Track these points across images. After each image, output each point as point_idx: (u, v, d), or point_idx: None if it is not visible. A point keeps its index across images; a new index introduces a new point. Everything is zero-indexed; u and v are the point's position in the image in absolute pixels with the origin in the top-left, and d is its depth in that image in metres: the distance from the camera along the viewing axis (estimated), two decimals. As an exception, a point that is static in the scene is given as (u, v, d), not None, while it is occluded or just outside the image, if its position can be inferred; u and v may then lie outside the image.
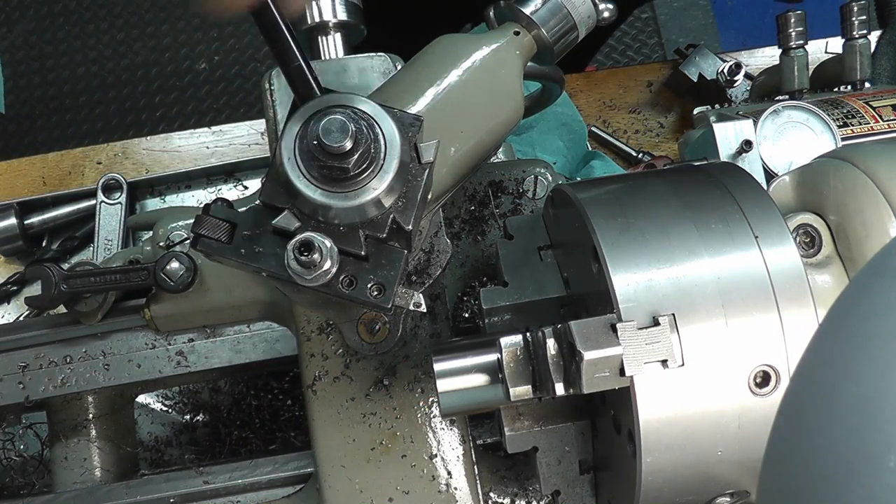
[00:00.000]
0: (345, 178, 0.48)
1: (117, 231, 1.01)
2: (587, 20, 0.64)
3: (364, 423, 0.64)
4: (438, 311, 0.66)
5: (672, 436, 0.47)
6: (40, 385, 0.73)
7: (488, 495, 0.66)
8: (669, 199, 0.53)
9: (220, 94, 2.32)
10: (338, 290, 0.49)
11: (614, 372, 0.46)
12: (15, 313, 1.04)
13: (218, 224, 0.51)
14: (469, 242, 0.70)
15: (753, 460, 0.49)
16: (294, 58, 0.50)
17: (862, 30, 0.90)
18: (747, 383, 0.47)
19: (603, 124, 1.11)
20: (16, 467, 0.86)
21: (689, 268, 0.49)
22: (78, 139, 2.29)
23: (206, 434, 0.92)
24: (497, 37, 0.62)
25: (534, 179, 0.71)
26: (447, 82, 0.58)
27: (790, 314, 0.48)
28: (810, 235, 0.57)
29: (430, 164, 0.51)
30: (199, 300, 0.69)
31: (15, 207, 1.03)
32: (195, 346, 0.73)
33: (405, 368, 0.65)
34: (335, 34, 0.72)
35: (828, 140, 0.80)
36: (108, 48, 2.37)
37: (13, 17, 2.41)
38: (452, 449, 0.64)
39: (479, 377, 0.54)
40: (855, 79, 0.90)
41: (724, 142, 0.77)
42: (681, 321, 0.47)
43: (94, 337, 0.73)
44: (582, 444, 0.59)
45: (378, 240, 0.50)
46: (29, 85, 2.35)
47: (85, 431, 0.75)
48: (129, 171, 1.09)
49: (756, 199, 0.52)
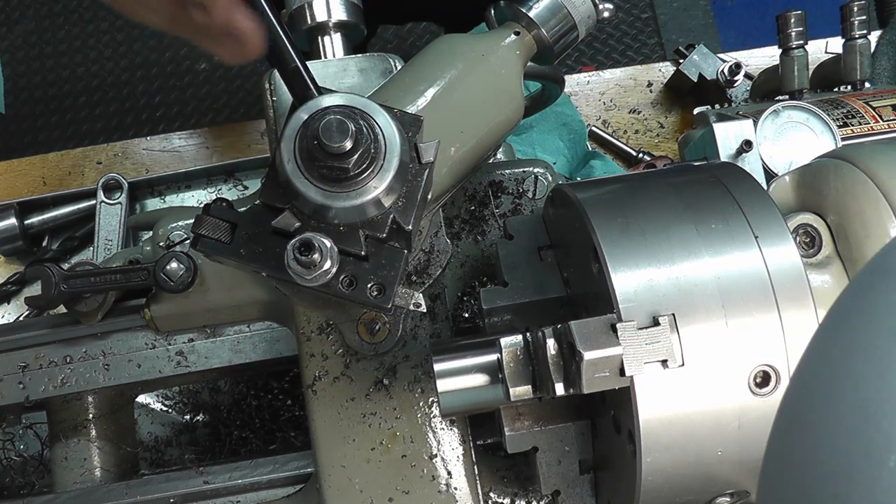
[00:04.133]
0: (345, 178, 0.48)
1: (117, 231, 1.01)
2: (587, 20, 0.64)
3: (364, 423, 0.64)
4: (438, 311, 0.66)
5: (672, 436, 0.47)
6: (40, 385, 0.73)
7: (488, 495, 0.66)
8: (669, 199, 0.53)
9: (220, 94, 2.32)
10: (338, 290, 0.49)
11: (614, 372, 0.46)
12: (15, 313, 1.04)
13: (218, 224, 0.51)
14: (469, 242, 0.70)
15: (753, 460, 0.49)
16: (291, 59, 0.51)
17: (862, 30, 0.90)
18: (747, 383, 0.47)
19: (603, 124, 1.11)
20: (16, 467, 0.86)
21: (689, 268, 0.49)
22: (78, 139, 2.28)
23: (206, 434, 0.92)
24: (497, 37, 0.62)
25: (534, 179, 0.71)
26: (447, 82, 0.58)
27: (790, 314, 0.48)
28: (810, 235, 0.57)
29: (430, 164, 0.51)
30: (199, 300, 0.69)
31: (15, 207, 1.03)
32: (195, 346, 0.73)
33: (405, 368, 0.65)
34: (335, 34, 0.72)
35: (828, 140, 0.80)
36: (108, 48, 2.37)
37: (13, 17, 2.41)
38: (452, 449, 0.64)
39: (479, 377, 0.54)
40: (855, 79, 0.90)
41: (724, 142, 0.77)
42: (681, 321, 0.47)
43: (94, 337, 0.73)
44: (582, 444, 0.59)
45: (378, 240, 0.50)
46: (29, 85, 2.34)
47: (85, 431, 0.75)
48: (129, 171, 1.09)
49: (756, 199, 0.52)
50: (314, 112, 0.49)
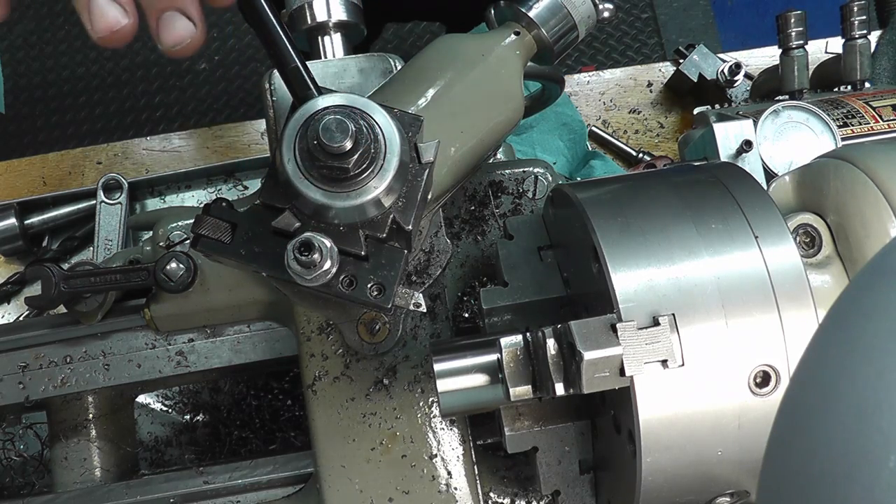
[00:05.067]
0: (345, 178, 0.48)
1: (117, 231, 1.01)
2: (587, 20, 0.64)
3: (364, 423, 0.64)
4: (438, 311, 0.66)
5: (672, 436, 0.47)
6: (40, 385, 0.73)
7: (488, 495, 0.66)
8: (669, 199, 0.53)
9: (220, 94, 2.32)
10: (338, 290, 0.49)
11: (614, 372, 0.46)
12: (15, 313, 1.04)
13: (218, 224, 0.51)
14: (469, 242, 0.70)
15: (753, 460, 0.49)
16: (291, 59, 0.50)
17: (862, 30, 0.90)
18: (747, 383, 0.47)
19: (603, 124, 1.11)
20: (16, 467, 0.86)
21: (689, 268, 0.49)
22: (78, 139, 2.28)
23: (206, 434, 0.92)
24: (497, 37, 0.62)
25: (534, 179, 0.71)
26: (447, 82, 0.58)
27: (790, 314, 0.48)
28: (810, 235, 0.57)
29: (430, 164, 0.51)
30: (199, 300, 0.69)
31: (15, 207, 1.03)
32: (195, 346, 0.73)
33: (405, 368, 0.65)
34: (335, 34, 0.72)
35: (828, 140, 0.80)
36: (108, 48, 2.37)
37: (13, 17, 2.41)
38: (452, 449, 0.64)
39: (479, 377, 0.54)
40: (855, 79, 0.90)
41: (724, 142, 0.77)
42: (681, 321, 0.47)
43: (94, 337, 0.73)
44: (582, 444, 0.59)
45: (378, 240, 0.50)
46: (29, 85, 2.34)
47: (85, 431, 0.75)
48: (129, 171, 1.09)
49: (756, 199, 0.52)
50: (314, 112, 0.49)
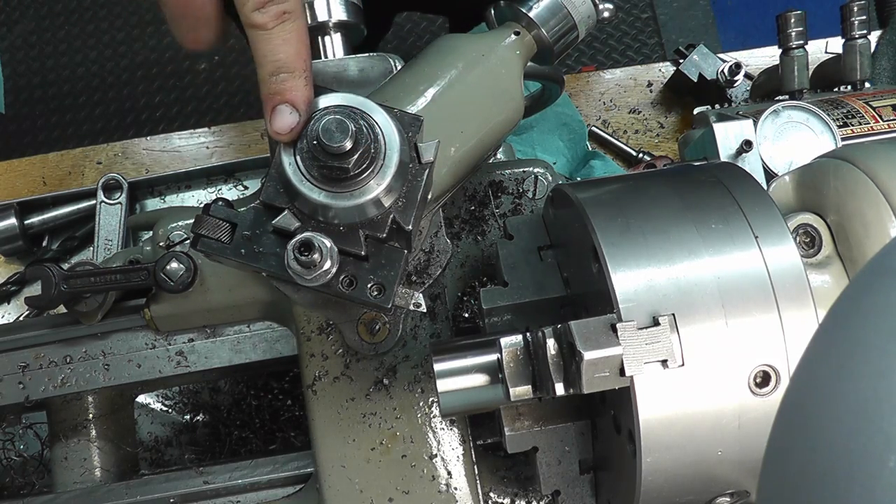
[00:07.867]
0: (345, 178, 0.48)
1: (117, 231, 1.01)
2: (587, 20, 0.64)
3: (364, 423, 0.64)
4: (438, 311, 0.66)
5: (672, 436, 0.47)
6: (40, 385, 0.72)
7: (488, 495, 0.66)
8: (669, 199, 0.53)
9: (220, 94, 2.32)
10: (338, 290, 0.49)
11: (614, 372, 0.46)
12: (15, 313, 1.04)
13: (218, 224, 0.51)
14: (469, 242, 0.70)
15: (753, 460, 0.49)
16: None
17: (862, 30, 0.90)
18: (747, 383, 0.47)
19: (603, 124, 1.11)
20: (16, 467, 0.86)
21: (689, 268, 0.49)
22: (78, 139, 2.28)
23: (206, 434, 0.92)
24: (497, 37, 0.62)
25: (534, 179, 0.71)
26: (447, 82, 0.58)
27: (790, 314, 0.48)
28: (810, 235, 0.57)
29: (430, 164, 0.51)
30: (199, 300, 0.69)
31: (15, 207, 1.03)
32: (195, 346, 0.73)
33: (405, 368, 0.65)
34: (335, 34, 0.72)
35: (828, 140, 0.80)
36: (108, 48, 2.37)
37: (13, 17, 2.41)
38: (452, 449, 0.64)
39: (479, 377, 0.54)
40: (855, 79, 0.90)
41: (724, 142, 0.77)
42: (681, 321, 0.47)
43: (94, 337, 0.73)
44: (582, 444, 0.59)
45: (378, 240, 0.50)
46: (29, 85, 2.34)
47: (85, 431, 0.75)
48: (129, 171, 1.09)
49: (756, 199, 0.52)
50: (314, 112, 0.49)
